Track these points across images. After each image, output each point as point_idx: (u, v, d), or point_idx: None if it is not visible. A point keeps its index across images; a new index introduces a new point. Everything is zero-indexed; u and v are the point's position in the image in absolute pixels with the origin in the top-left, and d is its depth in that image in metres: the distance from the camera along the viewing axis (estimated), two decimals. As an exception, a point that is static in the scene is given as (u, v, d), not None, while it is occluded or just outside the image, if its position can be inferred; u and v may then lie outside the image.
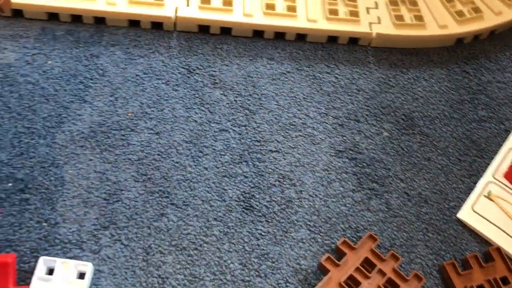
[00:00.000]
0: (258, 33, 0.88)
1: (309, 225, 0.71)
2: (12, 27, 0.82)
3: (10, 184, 0.67)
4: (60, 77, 0.78)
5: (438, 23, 0.92)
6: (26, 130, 0.72)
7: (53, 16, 0.83)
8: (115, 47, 0.83)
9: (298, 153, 0.77)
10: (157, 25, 0.85)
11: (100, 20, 0.84)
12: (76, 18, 0.83)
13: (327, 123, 0.81)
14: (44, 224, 0.65)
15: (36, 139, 0.72)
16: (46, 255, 0.62)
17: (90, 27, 0.84)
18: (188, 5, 0.86)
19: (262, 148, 0.76)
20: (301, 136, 0.78)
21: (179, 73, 0.82)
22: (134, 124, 0.75)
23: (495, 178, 0.79)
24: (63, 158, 0.71)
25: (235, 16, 0.86)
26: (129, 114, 0.76)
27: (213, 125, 0.77)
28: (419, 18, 0.92)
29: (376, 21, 0.90)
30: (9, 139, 0.71)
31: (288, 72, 0.85)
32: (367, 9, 0.92)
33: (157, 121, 0.76)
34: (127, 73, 0.80)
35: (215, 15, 0.85)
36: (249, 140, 0.77)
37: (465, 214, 0.75)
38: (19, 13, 0.82)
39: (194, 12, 0.85)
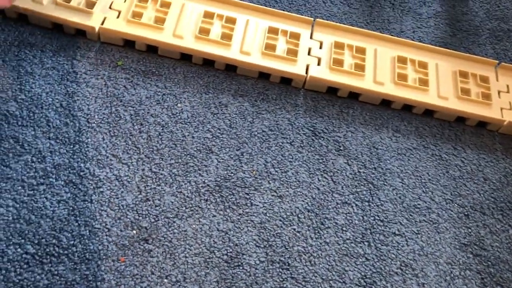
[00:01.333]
0: (385, 102, 0.85)
1: (431, 324, 0.67)
2: (144, 62, 0.82)
3: (134, 232, 0.66)
4: (189, 123, 0.77)
5: None
6: (153, 175, 0.71)
7: (186, 56, 0.83)
8: (244, 98, 0.81)
9: (422, 241, 0.73)
10: (286, 80, 0.84)
11: (231, 68, 0.83)
12: (208, 62, 0.83)
13: (452, 211, 0.76)
14: (165, 280, 0.63)
15: (162, 186, 0.70)
16: (166, 315, 0.61)
17: (220, 73, 0.83)
18: (319, 64, 0.84)
19: (385, 229, 0.73)
20: (425, 221, 0.75)
21: (304, 134, 0.79)
22: (258, 183, 0.73)
23: None
24: (187, 211, 0.69)
25: (366, 82, 0.83)
26: (253, 172, 0.74)
27: (335, 195, 0.75)
28: (553, 109, 0.87)
29: (507, 107, 0.86)
30: (136, 182, 0.70)
31: (414, 148, 0.81)
32: (499, 92, 0.88)
33: (280, 183, 0.74)
34: (253, 127, 0.78)
35: (346, 79, 0.83)
36: (372, 218, 0.73)
37: None
38: (153, 49, 0.83)
39: (325, 73, 0.83)
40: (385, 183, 0.77)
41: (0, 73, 0.75)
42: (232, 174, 0.73)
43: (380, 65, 0.86)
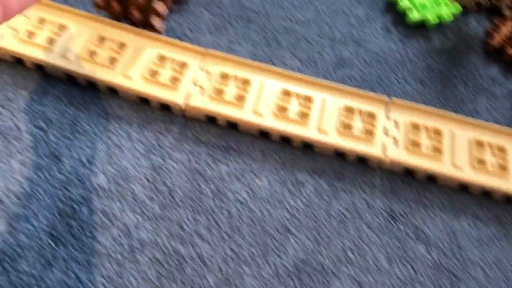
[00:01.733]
0: (463, 186, 0.84)
1: None
2: (225, 138, 0.84)
3: (216, 314, 0.66)
4: (267, 201, 0.78)
5: None
6: (233, 255, 0.72)
7: (264, 134, 0.85)
8: (320, 176, 0.82)
9: None
10: (362, 160, 0.84)
11: (308, 145, 0.85)
12: (286, 139, 0.85)
13: (539, 309, 0.73)
14: None
15: (242, 267, 0.71)
16: None
17: (298, 151, 0.85)
18: (395, 145, 0.85)
19: (469, 325, 0.70)
20: (511, 318, 0.72)
21: (382, 217, 0.79)
22: (336, 268, 0.73)
23: None
24: (267, 295, 0.69)
25: (444, 166, 0.83)
26: (332, 256, 0.73)
27: (416, 285, 0.73)
28: None
29: None
30: (217, 261, 0.71)
31: (495, 237, 0.79)
32: None
33: (359, 269, 0.73)
34: (330, 207, 0.79)
35: (423, 162, 0.82)
36: (455, 312, 0.71)
37: None
38: (233, 126, 0.85)
39: (402, 154, 0.83)
40: (467, 274, 0.75)
41: (91, 145, 0.80)
42: (310, 257, 0.73)
43: (457, 148, 0.85)
